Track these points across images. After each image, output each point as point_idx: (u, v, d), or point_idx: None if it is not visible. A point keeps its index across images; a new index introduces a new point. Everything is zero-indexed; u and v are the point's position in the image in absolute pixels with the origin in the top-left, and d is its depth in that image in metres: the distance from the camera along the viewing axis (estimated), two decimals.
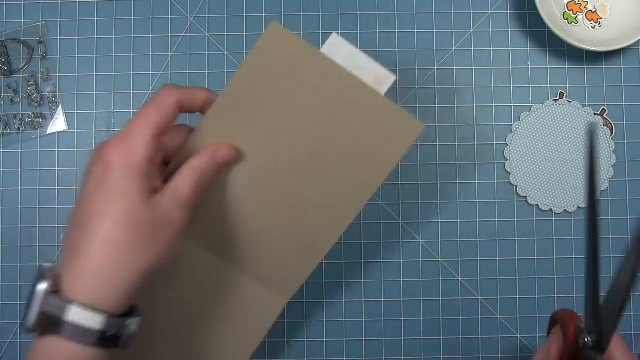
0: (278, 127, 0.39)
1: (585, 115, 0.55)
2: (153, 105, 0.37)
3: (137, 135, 0.35)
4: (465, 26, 0.56)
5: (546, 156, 0.55)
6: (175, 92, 0.37)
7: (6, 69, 0.56)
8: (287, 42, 0.38)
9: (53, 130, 0.56)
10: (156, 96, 0.37)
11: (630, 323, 0.54)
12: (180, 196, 0.36)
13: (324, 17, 0.56)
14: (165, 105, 0.37)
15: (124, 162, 0.34)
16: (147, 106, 0.37)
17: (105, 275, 0.33)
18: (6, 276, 0.55)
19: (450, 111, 0.56)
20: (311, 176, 0.40)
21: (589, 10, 0.56)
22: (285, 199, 0.40)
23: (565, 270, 0.54)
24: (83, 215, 0.35)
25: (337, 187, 0.39)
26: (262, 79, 0.38)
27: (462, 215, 0.55)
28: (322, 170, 0.39)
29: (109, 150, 0.35)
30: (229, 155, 0.39)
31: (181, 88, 0.38)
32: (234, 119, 0.39)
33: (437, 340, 0.54)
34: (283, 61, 0.38)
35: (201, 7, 0.57)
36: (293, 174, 0.40)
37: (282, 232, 0.41)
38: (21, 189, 0.56)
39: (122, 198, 0.34)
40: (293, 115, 0.39)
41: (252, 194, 0.40)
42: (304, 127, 0.39)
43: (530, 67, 0.56)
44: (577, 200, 0.55)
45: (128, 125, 0.36)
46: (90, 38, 0.57)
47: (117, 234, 0.34)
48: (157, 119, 0.36)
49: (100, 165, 0.35)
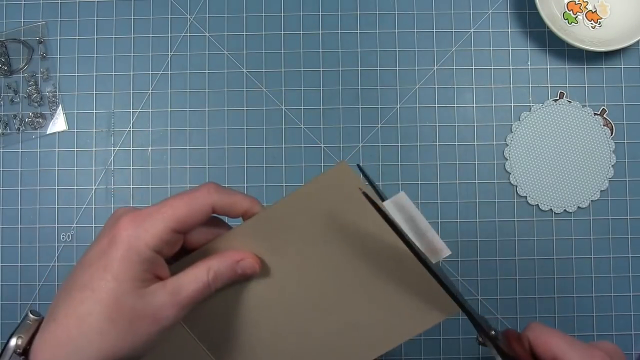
0: (313, 260, 0.38)
1: (585, 115, 0.55)
2: (185, 199, 0.34)
3: (154, 223, 0.33)
4: (465, 26, 0.56)
5: (546, 156, 0.55)
6: (215, 195, 0.35)
7: (6, 69, 0.56)
8: (350, 185, 0.36)
9: (53, 130, 0.56)
10: (194, 191, 0.35)
11: (631, 323, 0.54)
12: (181, 294, 0.34)
13: (324, 17, 0.56)
14: (197, 205, 0.34)
15: (128, 245, 0.33)
16: (181, 197, 0.34)
17: (72, 350, 0.32)
18: (6, 276, 0.55)
19: (450, 111, 0.56)
20: (329, 315, 0.38)
21: (589, 10, 0.56)
22: (294, 327, 0.39)
23: (565, 270, 0.54)
24: (76, 282, 0.34)
25: (350, 334, 0.38)
26: (313, 210, 0.37)
27: (462, 215, 0.55)
28: (343, 314, 0.38)
29: (120, 225, 0.33)
30: (252, 269, 0.36)
31: (223, 193, 0.35)
32: (271, 238, 0.37)
33: (437, 340, 0.54)
34: (340, 201, 0.37)
35: (201, 7, 0.57)
36: (311, 307, 0.38)
37: (279, 354, 0.39)
38: (21, 189, 0.56)
39: (113, 280, 0.32)
40: (332, 254, 0.37)
41: (262, 311, 0.39)
42: (339, 268, 0.38)
43: (530, 67, 0.56)
44: (577, 200, 0.55)
45: (153, 207, 0.34)
46: (90, 38, 0.57)
47: (96, 314, 0.32)
48: (182, 215, 0.33)
49: (107, 237, 0.33)
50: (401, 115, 0.55)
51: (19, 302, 0.55)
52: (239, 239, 0.37)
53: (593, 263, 0.55)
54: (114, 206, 0.55)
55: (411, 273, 0.37)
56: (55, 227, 0.55)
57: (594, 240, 0.55)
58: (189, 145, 0.56)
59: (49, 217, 0.55)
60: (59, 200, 0.55)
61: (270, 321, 0.39)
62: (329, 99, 0.56)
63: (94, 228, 0.55)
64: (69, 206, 0.55)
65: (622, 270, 0.55)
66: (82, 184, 0.55)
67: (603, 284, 0.55)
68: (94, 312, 0.32)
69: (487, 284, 0.54)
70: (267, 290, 0.38)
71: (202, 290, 0.34)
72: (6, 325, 0.54)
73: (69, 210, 0.55)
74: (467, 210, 0.55)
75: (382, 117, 0.56)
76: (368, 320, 0.38)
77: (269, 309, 0.39)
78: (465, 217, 0.55)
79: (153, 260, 0.33)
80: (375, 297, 0.38)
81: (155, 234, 0.33)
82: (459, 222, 0.55)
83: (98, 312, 0.32)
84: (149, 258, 0.33)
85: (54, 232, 0.55)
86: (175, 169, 0.56)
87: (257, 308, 0.39)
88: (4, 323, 0.55)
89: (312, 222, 0.37)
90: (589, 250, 0.55)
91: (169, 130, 0.56)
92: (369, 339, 0.38)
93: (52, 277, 0.55)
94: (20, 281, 0.55)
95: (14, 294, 0.55)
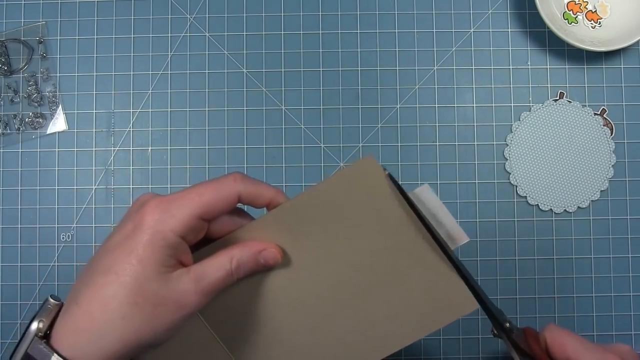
0: (334, 253, 0.38)
1: (585, 115, 0.55)
2: (212, 187, 0.34)
3: (181, 209, 0.33)
4: (465, 26, 0.56)
5: (546, 156, 0.55)
6: (241, 184, 0.35)
7: (6, 69, 0.56)
8: (375, 178, 0.36)
9: (53, 130, 0.56)
10: (222, 179, 0.35)
11: (631, 323, 0.54)
12: (204, 281, 0.34)
13: (324, 17, 0.56)
14: (224, 193, 0.34)
15: (154, 229, 0.32)
16: (208, 185, 0.34)
17: (95, 335, 0.32)
18: (6, 276, 0.55)
19: (450, 111, 0.56)
20: (347, 310, 0.38)
21: (589, 10, 0.56)
22: (311, 321, 0.38)
23: (565, 270, 0.54)
24: (99, 265, 0.33)
25: (368, 330, 0.38)
26: (336, 203, 0.37)
27: (462, 215, 0.55)
28: (361, 310, 0.38)
29: (146, 210, 0.33)
30: (274, 259, 0.36)
31: (249, 182, 0.35)
32: (294, 229, 0.37)
33: (437, 340, 0.54)
34: (364, 194, 0.37)
35: (201, 7, 0.57)
36: (329, 301, 0.38)
37: (295, 349, 0.39)
38: (21, 189, 0.56)
39: (138, 264, 0.32)
40: (354, 248, 0.37)
41: (280, 304, 0.38)
42: (360, 263, 0.38)
43: (530, 67, 0.56)
44: (577, 200, 0.55)
45: (179, 193, 0.34)
46: (90, 38, 0.57)
47: (120, 298, 0.32)
48: (208, 202, 0.34)
49: (133, 222, 0.33)
50: (401, 115, 0.55)
51: (19, 302, 0.55)
52: (261, 229, 0.37)
53: (593, 263, 0.55)
54: (114, 206, 0.55)
55: (431, 269, 0.37)
56: (55, 227, 0.55)
57: (594, 240, 0.55)
58: (189, 145, 0.56)
59: (49, 217, 0.55)
60: (59, 200, 0.55)
61: (287, 315, 0.38)
62: (329, 99, 0.56)
63: (94, 228, 0.55)
64: (69, 206, 0.55)
65: (622, 270, 0.55)
66: (82, 184, 0.55)
67: (603, 284, 0.55)
68: (117, 296, 0.32)
69: (487, 284, 0.54)
70: (286, 283, 0.38)
71: (225, 279, 0.34)
72: (6, 325, 0.54)
73: (69, 210, 0.55)
74: (467, 210, 0.55)
75: (382, 117, 0.56)
76: (386, 316, 0.38)
77: (286, 302, 0.38)
78: (465, 217, 0.55)
79: (178, 246, 0.33)
80: (394, 293, 0.38)
81: (182, 220, 0.33)
82: (459, 222, 0.55)
83: (122, 297, 0.32)
84: (174, 244, 0.33)
85: (54, 232, 0.55)
86: (175, 169, 0.56)
87: (275, 301, 0.38)
88: (4, 323, 0.55)
89: (335, 215, 0.37)
90: (589, 250, 0.55)
91: (169, 130, 0.56)
92: (385, 335, 0.38)
93: (52, 277, 0.55)
94: (20, 281, 0.55)
95: (14, 294, 0.55)
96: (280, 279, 0.38)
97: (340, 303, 0.38)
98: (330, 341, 0.38)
